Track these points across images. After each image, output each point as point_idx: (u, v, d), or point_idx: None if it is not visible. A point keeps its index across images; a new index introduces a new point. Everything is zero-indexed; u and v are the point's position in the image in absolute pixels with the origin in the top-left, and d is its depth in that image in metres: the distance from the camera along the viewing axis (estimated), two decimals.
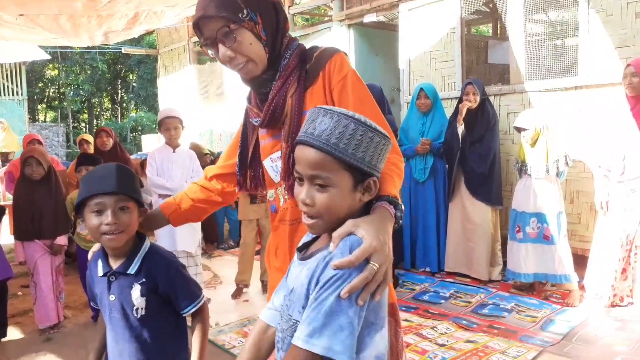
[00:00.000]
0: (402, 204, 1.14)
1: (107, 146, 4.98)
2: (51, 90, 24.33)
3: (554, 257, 3.71)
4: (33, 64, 18.49)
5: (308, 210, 1.03)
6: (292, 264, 1.15)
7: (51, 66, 22.58)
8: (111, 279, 1.55)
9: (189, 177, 3.81)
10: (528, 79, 4.56)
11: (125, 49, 10.89)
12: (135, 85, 23.66)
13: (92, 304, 1.70)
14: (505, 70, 5.75)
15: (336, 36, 6.19)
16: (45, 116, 24.90)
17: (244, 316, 3.80)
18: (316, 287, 0.98)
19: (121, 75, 24.41)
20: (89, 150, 5.56)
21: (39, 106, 24.44)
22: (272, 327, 1.20)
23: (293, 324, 1.04)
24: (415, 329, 3.39)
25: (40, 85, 23.34)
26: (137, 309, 1.53)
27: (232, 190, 1.70)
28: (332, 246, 1.00)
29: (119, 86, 25.23)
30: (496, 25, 7.85)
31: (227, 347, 3.27)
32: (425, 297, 4.02)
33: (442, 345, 3.13)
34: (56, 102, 24.36)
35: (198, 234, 3.96)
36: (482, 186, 4.23)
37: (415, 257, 4.68)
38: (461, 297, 3.97)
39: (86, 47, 16.20)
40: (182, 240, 3.72)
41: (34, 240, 3.58)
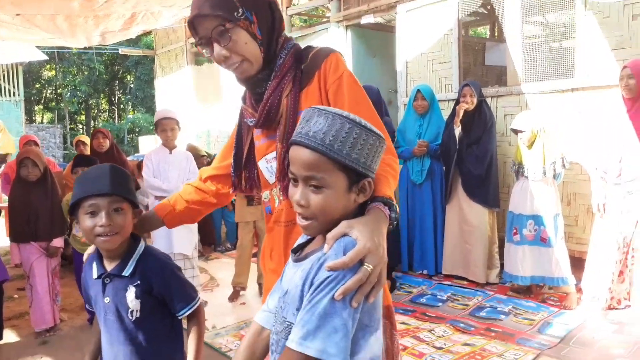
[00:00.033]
0: (396, 205, 1.13)
1: (104, 147, 4.96)
2: (48, 92, 24.32)
3: (551, 259, 3.71)
4: (30, 64, 18.46)
5: (303, 212, 1.03)
6: (286, 266, 1.14)
7: (48, 67, 22.57)
8: (106, 281, 1.54)
9: (185, 179, 3.79)
10: (525, 80, 4.55)
11: (123, 50, 10.88)
12: (132, 86, 23.64)
13: (88, 306, 1.68)
14: (502, 72, 5.75)
15: (334, 37, 6.18)
16: (42, 117, 24.88)
17: (241, 319, 3.79)
18: (310, 289, 0.97)
19: (118, 76, 24.40)
20: (86, 151, 5.53)
21: (36, 107, 24.43)
22: (266, 329, 1.19)
23: (287, 326, 1.03)
24: (412, 331, 3.38)
25: (38, 86, 23.33)
26: (131, 311, 1.52)
27: (227, 192, 1.68)
28: (326, 247, 0.99)
29: (117, 87, 25.22)
30: (494, 27, 7.86)
31: (224, 350, 3.25)
32: (423, 300, 4.01)
33: (440, 348, 3.12)
34: (53, 104, 24.34)
35: (195, 236, 3.95)
36: (479, 188, 4.22)
37: (413, 260, 4.66)
38: (458, 300, 3.96)
39: (83, 48, 16.19)
40: (179, 243, 3.70)
41: (29, 243, 3.56)
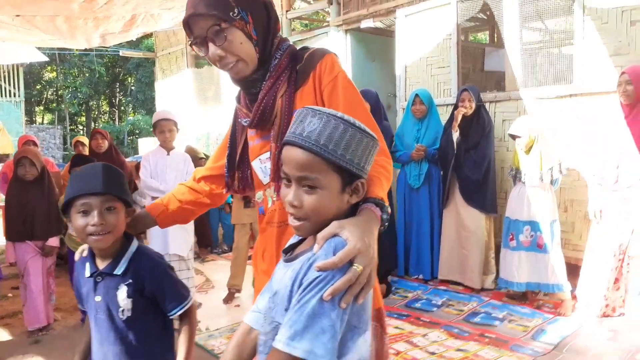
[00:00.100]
0: (388, 207, 1.13)
1: (102, 148, 4.96)
2: (49, 93, 24.36)
3: (547, 266, 3.69)
4: (31, 66, 18.51)
5: (295, 212, 1.02)
6: (277, 266, 1.13)
7: (49, 68, 22.62)
8: (97, 279, 1.53)
9: (182, 180, 3.76)
10: (523, 86, 4.55)
11: (123, 52, 10.90)
12: (133, 88, 23.69)
13: (80, 306, 1.67)
14: (501, 77, 5.75)
15: (333, 41, 6.19)
16: (42, 118, 24.90)
17: (235, 321, 3.77)
18: (299, 289, 0.97)
19: (119, 78, 24.46)
20: (84, 152, 5.53)
21: (36, 108, 24.47)
22: (255, 330, 1.18)
23: (275, 326, 1.03)
24: (406, 336, 3.36)
25: (38, 87, 23.38)
26: (122, 310, 1.51)
27: (221, 192, 1.68)
28: (316, 247, 0.99)
29: (117, 89, 25.27)
30: (493, 32, 7.87)
31: (217, 352, 3.24)
32: (418, 305, 4.00)
33: (433, 354, 3.10)
34: (54, 105, 24.38)
35: (191, 238, 3.93)
36: (476, 193, 4.21)
37: (409, 264, 4.65)
38: (453, 305, 3.95)
39: (84, 50, 16.22)
40: (175, 243, 3.69)
41: (25, 242, 3.55)
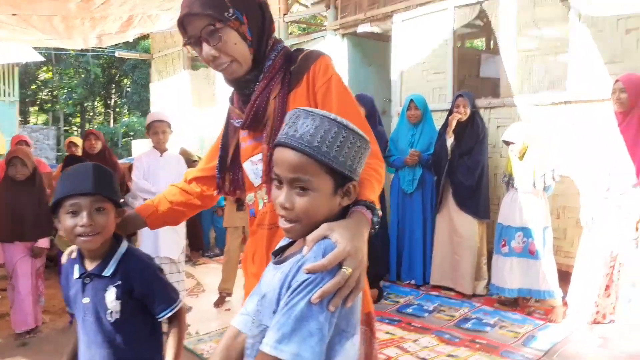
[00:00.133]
0: (379, 210, 1.12)
1: (95, 149, 4.94)
2: (44, 93, 24.26)
3: (538, 272, 3.69)
4: (26, 66, 18.44)
5: (286, 214, 1.01)
6: (266, 269, 1.12)
7: (45, 69, 22.56)
8: (86, 280, 1.51)
9: (175, 182, 3.75)
10: (518, 93, 4.57)
11: (119, 53, 10.86)
12: (129, 90, 23.63)
13: (69, 308, 1.65)
14: (497, 84, 5.77)
15: (330, 45, 6.20)
16: (37, 119, 24.78)
17: (225, 325, 3.71)
18: (287, 292, 0.96)
19: (115, 79, 24.40)
20: (77, 152, 5.50)
21: (30, 109, 24.35)
22: (243, 333, 1.17)
23: (263, 329, 1.02)
24: (397, 341, 3.35)
25: (33, 87, 23.29)
26: (111, 312, 1.49)
27: (212, 194, 1.67)
28: (305, 250, 0.98)
29: (113, 90, 25.20)
30: (489, 39, 7.89)
31: (206, 356, 3.21)
32: (409, 310, 3.99)
33: (424, 359, 3.09)
34: (49, 105, 24.30)
35: (182, 241, 3.91)
36: (469, 199, 4.22)
37: (401, 269, 4.65)
38: (445, 311, 3.94)
39: (80, 50, 16.19)
40: (166, 246, 3.67)
41: (14, 242, 3.52)
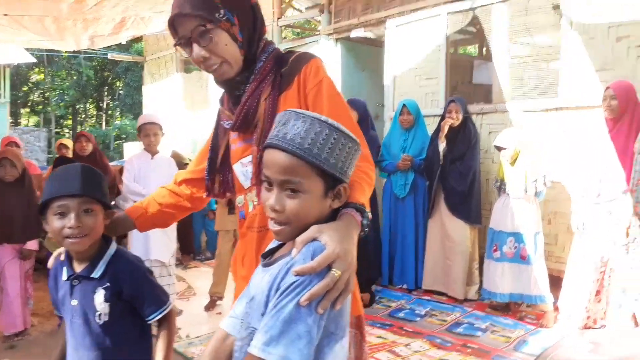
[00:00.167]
0: (369, 213, 1.11)
1: (86, 151, 4.91)
2: (35, 95, 24.12)
3: (530, 277, 3.70)
4: (18, 67, 18.31)
5: (277, 217, 1.00)
6: (255, 271, 1.11)
7: (37, 70, 22.43)
8: (74, 282, 1.49)
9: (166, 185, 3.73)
10: (510, 99, 4.59)
11: (112, 55, 10.81)
12: (121, 92, 23.54)
13: (57, 311, 1.63)
14: (489, 90, 5.79)
15: (324, 50, 6.20)
16: (28, 120, 24.62)
17: (216, 329, 3.71)
18: (276, 294, 0.95)
19: (108, 82, 24.29)
20: (68, 154, 5.46)
21: (22, 110, 24.20)
22: (232, 335, 1.16)
23: (251, 332, 1.01)
24: (388, 346, 3.34)
25: (25, 89, 23.14)
26: (99, 315, 1.47)
27: (202, 196, 1.66)
28: (294, 252, 0.97)
29: (105, 93, 25.09)
30: (482, 46, 7.93)
31: (196, 359, 3.19)
32: (401, 315, 3.98)
33: None
34: (40, 107, 24.15)
35: (173, 244, 3.88)
36: (461, 204, 4.22)
37: (393, 274, 4.64)
38: (436, 316, 3.94)
39: (73, 52, 16.11)
40: (156, 249, 3.64)
41: (2, 244, 3.49)
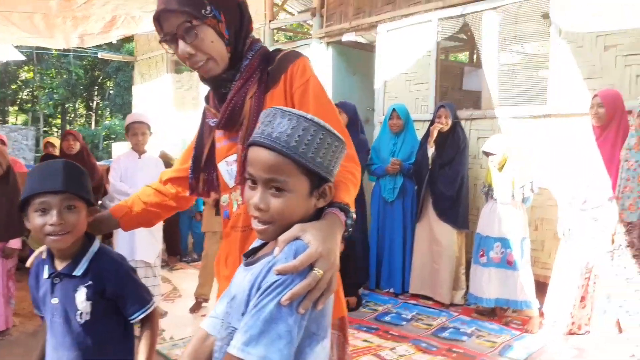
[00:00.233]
0: (353, 213, 1.11)
1: (73, 150, 4.86)
2: (24, 93, 23.91)
3: (516, 282, 3.71)
4: (7, 65, 18.15)
5: (261, 215, 0.99)
6: (237, 270, 1.10)
7: (26, 68, 22.24)
8: (55, 280, 1.47)
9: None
10: (499, 105, 4.62)
11: (102, 54, 10.74)
12: (112, 92, 23.39)
13: (37, 311, 1.60)
14: (479, 97, 5.83)
15: (315, 53, 6.20)
16: (16, 119, 24.38)
17: None
18: (257, 293, 0.94)
19: (98, 81, 24.14)
20: (54, 153, 5.41)
21: (10, 108, 23.97)
22: (212, 336, 1.14)
23: (231, 332, 0.99)
24: (374, 349, 3.33)
25: (14, 87, 22.94)
26: (81, 314, 1.45)
27: (187, 195, 1.64)
28: (276, 251, 0.96)
29: (95, 92, 24.92)
30: (472, 53, 7.99)
31: None
32: (387, 318, 3.97)
33: None
34: (29, 105, 23.93)
35: (158, 244, 3.85)
36: (449, 209, 4.23)
37: (380, 277, 4.64)
38: (423, 320, 3.94)
39: (63, 50, 15.98)
40: (141, 250, 3.61)
41: None
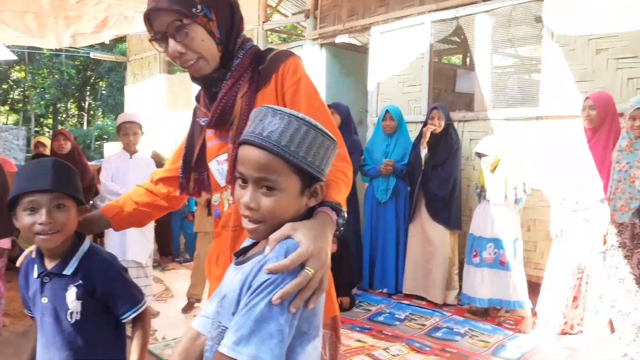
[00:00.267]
0: (345, 212, 1.10)
1: (64, 149, 4.83)
2: (15, 93, 23.76)
3: (508, 283, 3.73)
4: None
5: (251, 215, 0.98)
6: (228, 269, 1.09)
7: (18, 68, 22.10)
8: (45, 280, 1.46)
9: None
10: (492, 107, 4.64)
11: (94, 54, 10.68)
12: (104, 92, 23.27)
13: (27, 310, 1.59)
14: (471, 99, 5.85)
15: (308, 54, 6.20)
16: (7, 118, 24.22)
17: None
18: (247, 292, 0.93)
19: (90, 82, 24.01)
20: (45, 152, 5.38)
21: (1, 108, 23.82)
22: (203, 335, 1.13)
23: (222, 331, 0.99)
24: (367, 349, 3.33)
25: (5, 86, 22.78)
26: (71, 313, 1.44)
27: (178, 195, 1.63)
28: (267, 249, 0.95)
29: (87, 93, 24.78)
30: (465, 56, 8.02)
31: None
32: (381, 319, 3.97)
33: None
34: (20, 105, 23.78)
35: (150, 244, 3.83)
36: (442, 210, 4.25)
37: (374, 278, 4.65)
38: (416, 320, 3.94)
39: (55, 50, 15.89)
40: (133, 250, 3.59)
41: None
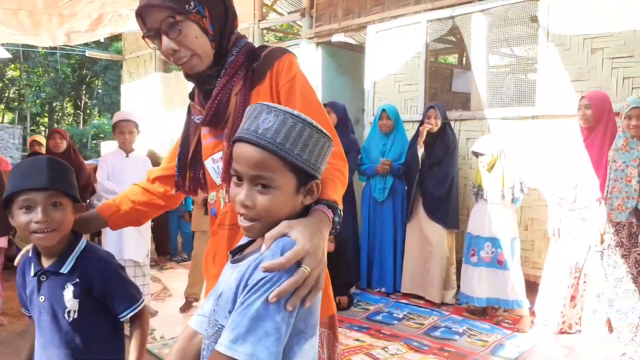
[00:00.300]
0: (341, 210, 1.10)
1: (60, 148, 4.81)
2: (11, 91, 23.66)
3: (506, 282, 3.73)
4: None
5: (247, 213, 0.98)
6: (224, 268, 1.09)
7: (13, 66, 22.02)
8: (42, 278, 1.45)
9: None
10: (488, 106, 4.64)
11: (90, 53, 10.64)
12: (100, 91, 23.20)
13: (24, 309, 1.58)
14: (468, 99, 5.85)
15: (305, 53, 6.19)
16: (2, 117, 24.14)
17: None
18: (244, 291, 0.93)
19: (86, 80, 23.93)
20: (41, 151, 5.36)
21: None
22: (200, 334, 1.13)
23: (219, 329, 0.98)
24: (366, 348, 3.33)
25: (0, 85, 22.69)
26: (69, 312, 1.43)
27: (175, 193, 1.62)
28: (263, 247, 0.95)
29: (83, 91, 24.70)
30: (462, 55, 8.03)
31: None
32: (379, 318, 3.97)
33: None
34: (15, 104, 23.69)
35: (147, 244, 3.82)
36: (439, 209, 4.25)
37: (372, 277, 4.64)
38: (414, 319, 3.94)
39: (50, 48, 15.83)
40: (130, 249, 3.58)
41: None
